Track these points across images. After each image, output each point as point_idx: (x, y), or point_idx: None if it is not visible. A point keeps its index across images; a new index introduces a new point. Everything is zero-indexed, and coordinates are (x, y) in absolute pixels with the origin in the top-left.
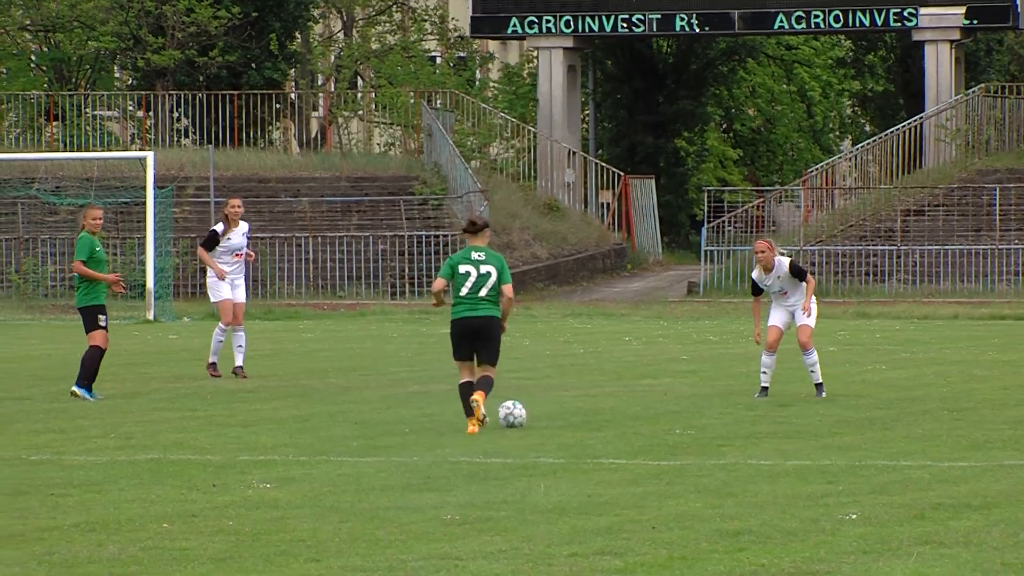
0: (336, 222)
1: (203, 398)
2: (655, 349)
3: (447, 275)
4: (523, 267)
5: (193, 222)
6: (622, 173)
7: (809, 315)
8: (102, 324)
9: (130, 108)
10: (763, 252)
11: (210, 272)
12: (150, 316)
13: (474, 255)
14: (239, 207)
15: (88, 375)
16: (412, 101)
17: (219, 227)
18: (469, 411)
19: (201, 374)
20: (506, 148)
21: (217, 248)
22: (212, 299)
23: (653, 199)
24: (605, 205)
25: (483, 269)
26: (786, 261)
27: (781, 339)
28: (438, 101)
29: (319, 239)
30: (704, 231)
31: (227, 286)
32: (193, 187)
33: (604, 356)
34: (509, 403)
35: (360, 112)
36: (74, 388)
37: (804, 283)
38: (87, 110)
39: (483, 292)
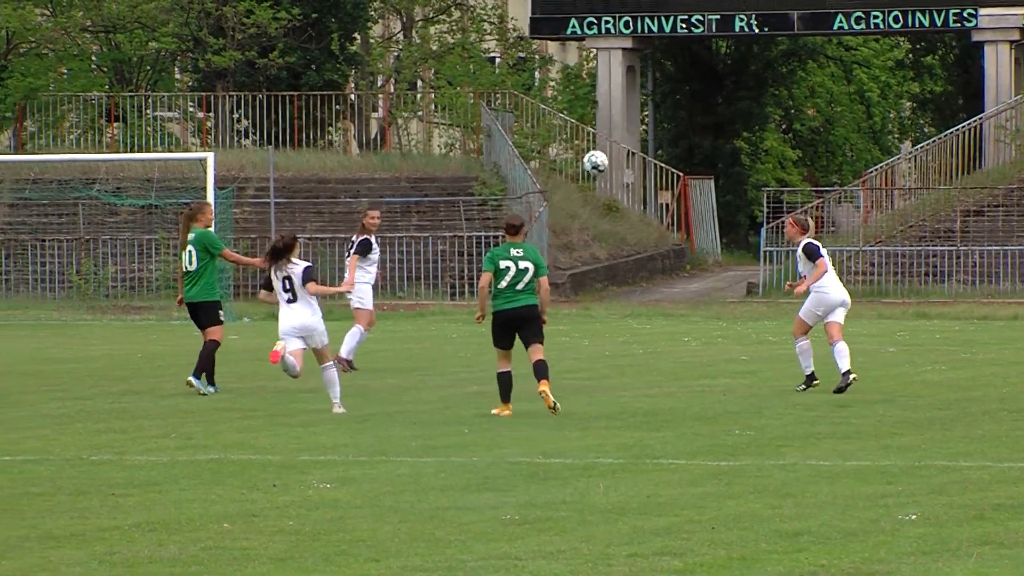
0: (396, 223)
1: (263, 398)
2: (714, 349)
3: (491, 269)
4: (582, 268)
5: (253, 223)
6: (681, 174)
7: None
8: (223, 319)
9: (190, 109)
10: (787, 227)
11: (350, 279)
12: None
13: (513, 251)
14: (378, 218)
15: (206, 367)
16: (471, 102)
17: (362, 238)
18: (506, 398)
19: (262, 373)
20: (565, 149)
21: (368, 257)
22: (356, 304)
23: (712, 200)
24: (664, 206)
25: (521, 265)
26: (804, 241)
27: (808, 329)
28: (497, 102)
29: (379, 240)
30: (763, 232)
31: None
32: (253, 188)
33: (663, 356)
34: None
35: (420, 113)
36: (190, 378)
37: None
38: (147, 111)
39: (521, 285)
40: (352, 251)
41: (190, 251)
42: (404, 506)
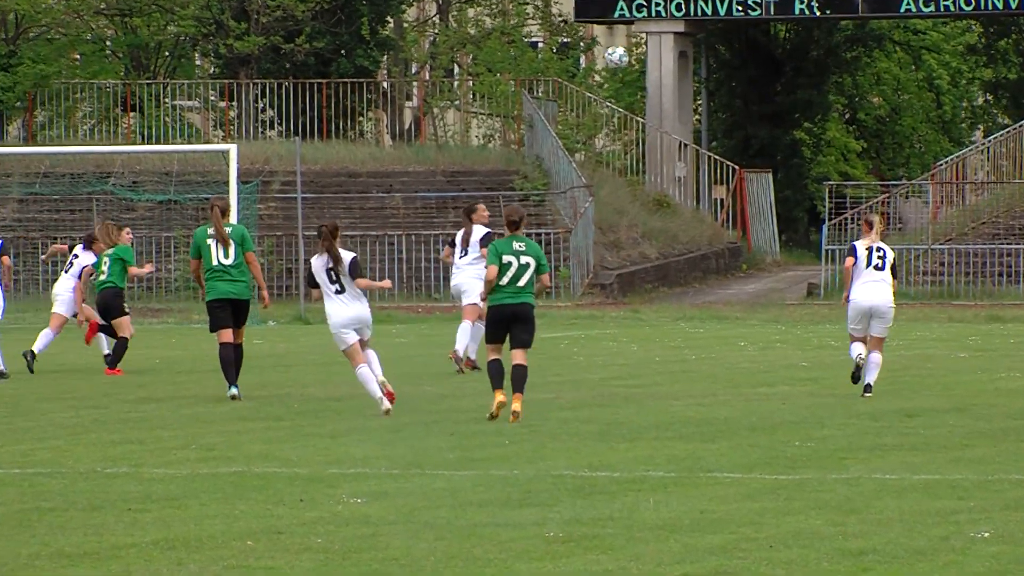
0: (431, 219)
1: (289, 407)
2: (772, 355)
3: (496, 262)
4: (631, 267)
5: (279, 219)
6: (737, 167)
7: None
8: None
9: (212, 98)
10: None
11: (477, 274)
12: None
13: (516, 245)
14: (487, 213)
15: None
16: (512, 90)
17: (487, 231)
18: (498, 384)
19: (288, 380)
20: (612, 140)
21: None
22: (468, 300)
23: (770, 195)
24: (719, 201)
25: (523, 260)
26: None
27: (862, 340)
28: (540, 90)
29: (413, 237)
30: (825, 229)
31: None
32: (279, 182)
33: (717, 362)
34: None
35: (456, 102)
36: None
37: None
38: (166, 100)
39: (522, 282)
40: (480, 244)
41: (230, 245)
42: (440, 522)
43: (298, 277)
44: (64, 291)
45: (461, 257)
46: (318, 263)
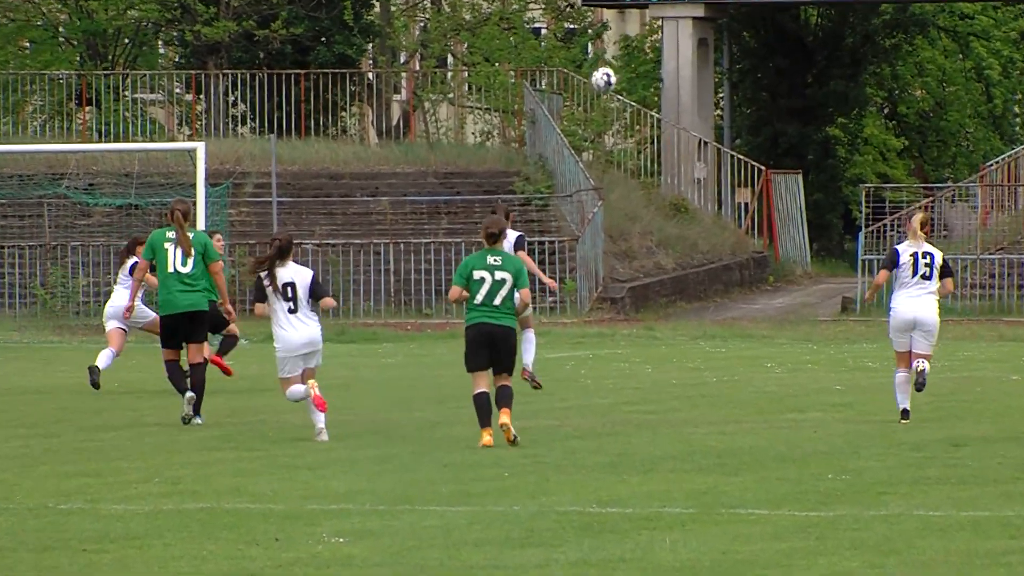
0: (422, 226)
1: (264, 435)
2: (802, 377)
3: (463, 283)
4: (644, 279)
5: (252, 225)
6: (763, 167)
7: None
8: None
9: (177, 90)
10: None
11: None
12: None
13: (490, 259)
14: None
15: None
16: (512, 82)
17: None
18: (485, 422)
19: (262, 406)
20: (624, 137)
21: None
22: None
23: (800, 198)
24: (743, 205)
25: (498, 275)
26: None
27: (907, 358)
28: (543, 82)
29: (402, 246)
30: (861, 236)
31: None
32: (252, 184)
33: (741, 385)
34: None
35: (450, 95)
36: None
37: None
38: (126, 93)
39: (498, 300)
40: (515, 248)
41: (191, 253)
42: (432, 564)
43: None
44: (122, 304)
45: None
46: (269, 280)
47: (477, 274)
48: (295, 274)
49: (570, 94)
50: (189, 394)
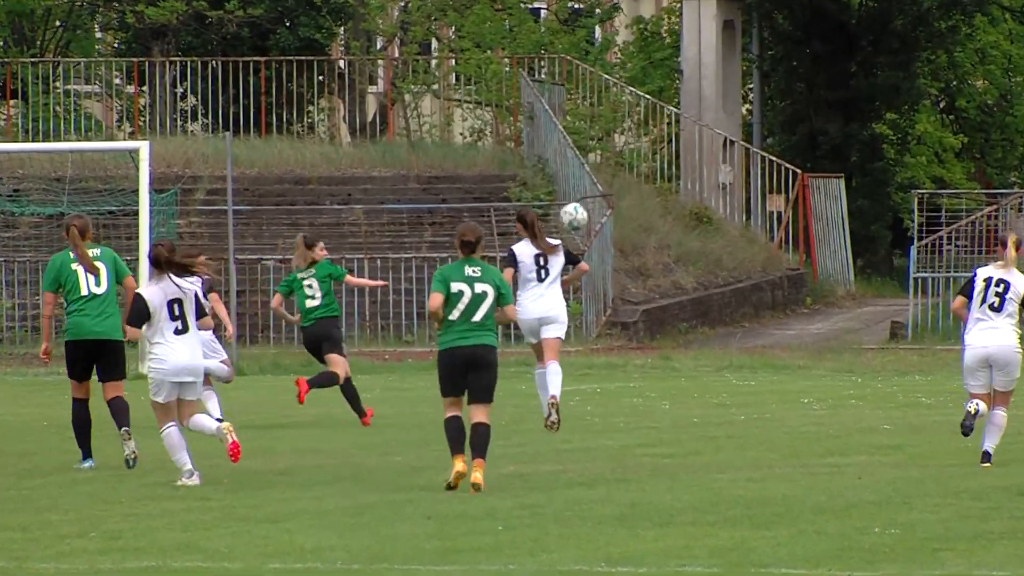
0: (402, 239)
1: (218, 482)
2: (845, 415)
3: (443, 291)
4: (660, 300)
5: (204, 238)
6: (799, 170)
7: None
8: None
9: (116, 81)
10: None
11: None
12: (143, 369)
13: (468, 270)
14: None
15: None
16: (507, 71)
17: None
18: (457, 449)
19: (217, 449)
20: (637, 136)
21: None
22: (556, 333)
23: (842, 206)
24: (775, 215)
25: (479, 288)
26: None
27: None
28: (543, 71)
29: (378, 262)
30: (913, 250)
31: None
32: (204, 190)
33: (773, 424)
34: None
35: (434, 87)
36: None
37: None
38: (57, 84)
39: (478, 316)
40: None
41: (100, 271)
42: None
43: (227, 313)
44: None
45: (542, 279)
46: (157, 294)
47: (455, 286)
48: (184, 288)
49: (574, 85)
50: (124, 429)
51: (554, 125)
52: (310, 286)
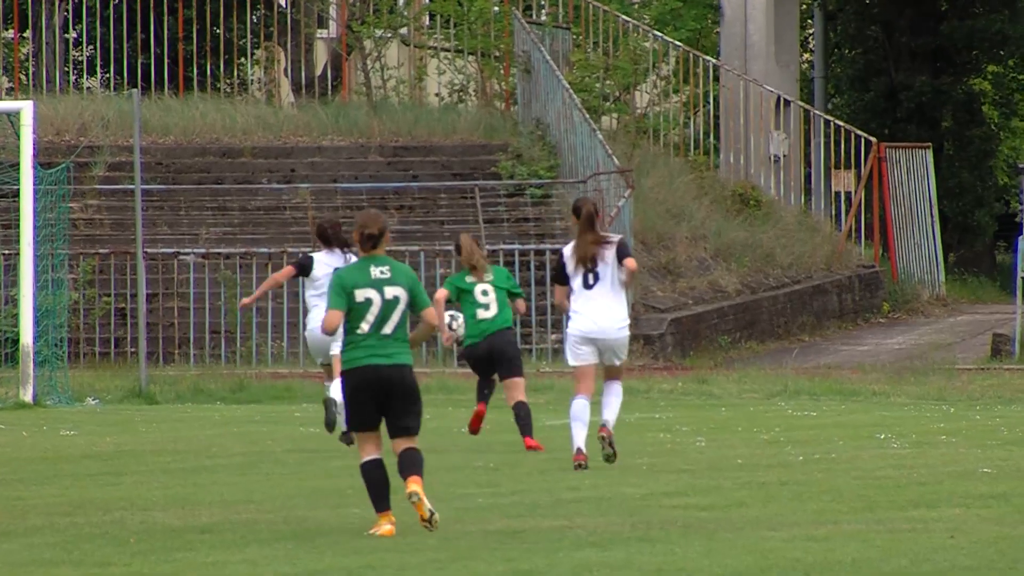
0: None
1: (123, 541)
2: (933, 455)
3: (343, 304)
4: (694, 307)
5: (105, 226)
6: (873, 139)
7: None
8: None
9: None
10: None
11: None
12: (27, 397)
13: (375, 271)
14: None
15: None
16: (497, 9)
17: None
18: (383, 504)
19: (120, 499)
20: (665, 94)
21: None
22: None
23: (930, 185)
24: (843, 196)
25: (389, 293)
26: None
27: None
28: (543, 11)
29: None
30: (1021, 242)
31: None
32: (105, 164)
33: (840, 467)
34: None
35: (403, 31)
36: None
37: None
38: None
39: (389, 327)
40: (619, 254)
41: None
42: None
43: (136, 323)
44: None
45: (591, 285)
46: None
47: (360, 294)
48: None
49: (583, 29)
50: None
51: (557, 80)
52: (484, 292)
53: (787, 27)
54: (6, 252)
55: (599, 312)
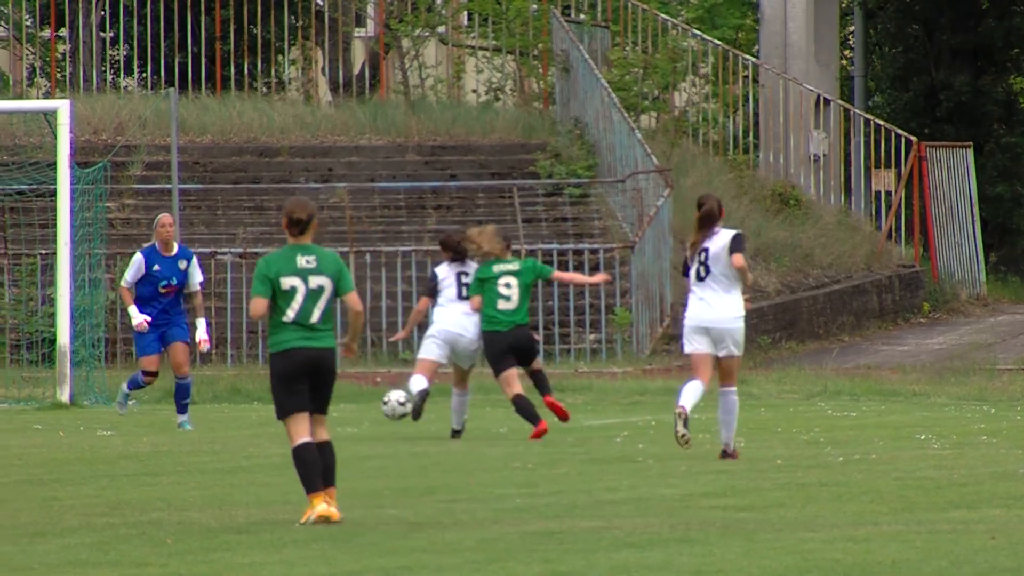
0: (398, 226)
1: (160, 542)
2: (973, 456)
3: (266, 291)
4: None
5: (142, 226)
6: (913, 138)
7: None
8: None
9: (28, 23)
10: None
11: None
12: (64, 397)
13: (301, 260)
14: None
15: None
16: (535, 8)
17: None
18: (315, 485)
19: (156, 499)
20: (703, 93)
21: None
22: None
23: (970, 185)
24: (883, 196)
25: (314, 282)
26: None
27: None
28: (582, 7)
29: (368, 257)
30: None
31: None
32: (141, 164)
33: (881, 468)
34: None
35: (440, 30)
36: None
37: None
38: None
39: (315, 316)
40: (732, 249)
41: None
42: None
43: None
44: (455, 324)
45: (703, 278)
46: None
47: (285, 282)
48: None
49: (622, 27)
50: None
51: (596, 79)
52: (507, 285)
53: (827, 26)
54: (43, 252)
55: (710, 303)
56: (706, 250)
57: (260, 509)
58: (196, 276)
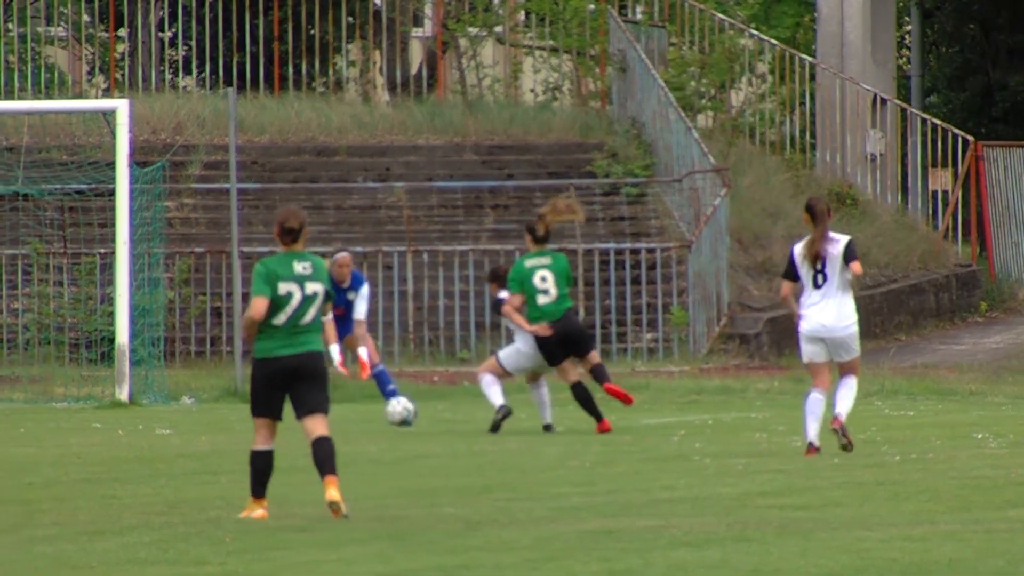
0: (455, 225)
1: (219, 540)
2: None
3: (269, 292)
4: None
5: (201, 225)
6: (970, 138)
7: None
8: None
9: (86, 22)
10: None
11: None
12: (123, 396)
13: (297, 267)
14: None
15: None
16: (592, 8)
17: None
18: (261, 491)
19: (215, 497)
20: (760, 94)
21: None
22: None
23: None
24: (940, 195)
25: (309, 288)
26: None
27: None
28: (638, 9)
29: (425, 256)
30: None
31: None
32: (200, 163)
33: (938, 467)
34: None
35: (498, 30)
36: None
37: None
38: (9, 25)
39: (307, 318)
40: (846, 257)
41: None
42: None
43: (232, 322)
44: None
45: (819, 285)
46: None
47: (283, 287)
48: None
49: (679, 27)
50: None
51: (652, 79)
52: (543, 279)
53: (884, 25)
54: (102, 251)
55: (826, 311)
56: (824, 257)
57: (318, 508)
58: (361, 307)
